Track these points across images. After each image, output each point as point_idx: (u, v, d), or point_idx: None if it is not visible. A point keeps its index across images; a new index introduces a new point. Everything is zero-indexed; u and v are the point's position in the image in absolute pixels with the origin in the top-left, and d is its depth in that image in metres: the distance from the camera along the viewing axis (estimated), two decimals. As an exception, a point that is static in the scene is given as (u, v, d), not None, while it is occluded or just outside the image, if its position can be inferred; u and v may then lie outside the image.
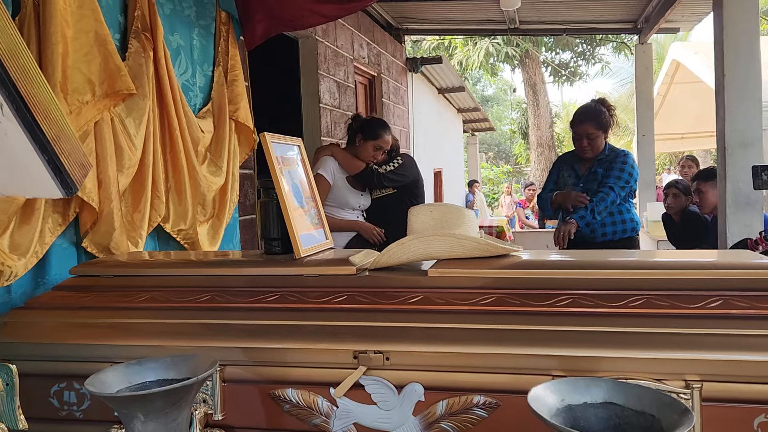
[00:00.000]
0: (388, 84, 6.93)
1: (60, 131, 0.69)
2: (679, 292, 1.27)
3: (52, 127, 0.67)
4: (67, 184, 0.70)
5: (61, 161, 0.68)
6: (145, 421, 1.06)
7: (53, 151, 0.67)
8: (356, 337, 1.29)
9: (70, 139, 0.71)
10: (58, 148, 0.67)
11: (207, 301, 1.47)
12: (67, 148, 0.69)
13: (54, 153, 0.67)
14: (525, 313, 1.28)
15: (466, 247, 1.46)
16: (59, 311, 1.53)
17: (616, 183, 3.14)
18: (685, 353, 1.14)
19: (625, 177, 3.17)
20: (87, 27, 1.86)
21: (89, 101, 1.85)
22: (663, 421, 0.90)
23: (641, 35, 7.16)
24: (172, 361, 1.18)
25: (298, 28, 3.32)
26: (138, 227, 2.12)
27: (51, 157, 0.67)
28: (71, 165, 0.69)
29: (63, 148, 0.68)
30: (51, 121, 0.68)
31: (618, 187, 3.14)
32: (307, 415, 1.31)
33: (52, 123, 0.67)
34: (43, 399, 1.44)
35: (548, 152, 17.64)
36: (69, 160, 0.69)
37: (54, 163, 0.67)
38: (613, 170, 3.19)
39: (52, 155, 0.67)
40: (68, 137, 0.70)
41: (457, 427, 1.23)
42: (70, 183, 0.70)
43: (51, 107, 0.68)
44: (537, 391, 0.95)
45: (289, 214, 1.58)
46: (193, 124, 2.42)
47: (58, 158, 0.67)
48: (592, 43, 16.47)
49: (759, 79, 3.40)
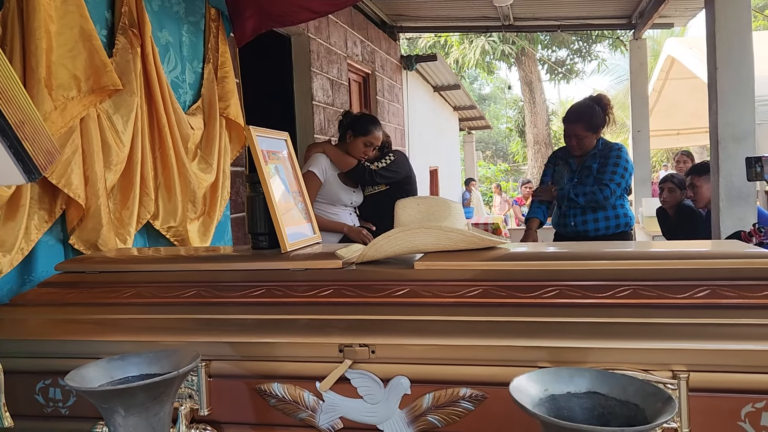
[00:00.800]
0: (383, 82, 6.92)
1: (24, 117, 0.67)
2: (667, 282, 1.26)
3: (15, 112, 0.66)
4: (29, 169, 0.69)
5: (24, 147, 0.67)
6: (126, 415, 1.05)
7: (15, 136, 0.65)
8: (342, 330, 1.28)
9: (35, 124, 0.70)
10: (20, 133, 0.66)
11: (193, 296, 1.46)
12: (31, 133, 0.68)
13: (15, 138, 0.65)
14: (512, 305, 1.28)
15: (452, 240, 1.45)
16: (45, 308, 1.52)
17: (612, 181, 3.14)
18: (672, 343, 1.13)
19: (620, 172, 3.17)
20: (71, 22, 1.85)
21: (75, 97, 1.84)
22: (647, 410, 0.89)
23: (635, 31, 7.16)
24: (155, 356, 1.17)
25: (289, 24, 3.31)
26: (126, 224, 2.11)
27: (12, 142, 0.66)
28: (35, 151, 0.68)
29: (26, 133, 0.67)
30: (13, 105, 0.66)
31: (614, 184, 3.14)
32: (293, 409, 1.30)
33: (15, 108, 0.66)
34: (28, 396, 1.43)
35: (545, 150, 17.63)
36: (33, 145, 0.68)
37: (16, 147, 0.66)
38: (607, 165, 3.19)
39: (14, 140, 0.66)
40: (33, 123, 0.69)
41: (443, 420, 1.22)
42: (32, 168, 0.69)
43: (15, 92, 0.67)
44: (519, 381, 0.94)
45: (275, 208, 1.57)
46: (182, 121, 2.41)
47: (20, 143, 0.66)
48: (588, 41, 16.47)
49: (751, 73, 3.40)
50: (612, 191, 3.13)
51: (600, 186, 3.13)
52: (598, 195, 3.12)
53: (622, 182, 3.18)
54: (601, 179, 3.16)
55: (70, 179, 1.83)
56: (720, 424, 1.11)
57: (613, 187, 3.13)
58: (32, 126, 0.69)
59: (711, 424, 1.12)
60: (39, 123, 0.71)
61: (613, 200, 3.18)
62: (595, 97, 3.41)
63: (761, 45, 5.40)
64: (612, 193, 3.14)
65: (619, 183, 3.16)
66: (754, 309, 1.17)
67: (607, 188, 3.12)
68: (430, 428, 1.23)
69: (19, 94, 0.69)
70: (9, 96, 0.66)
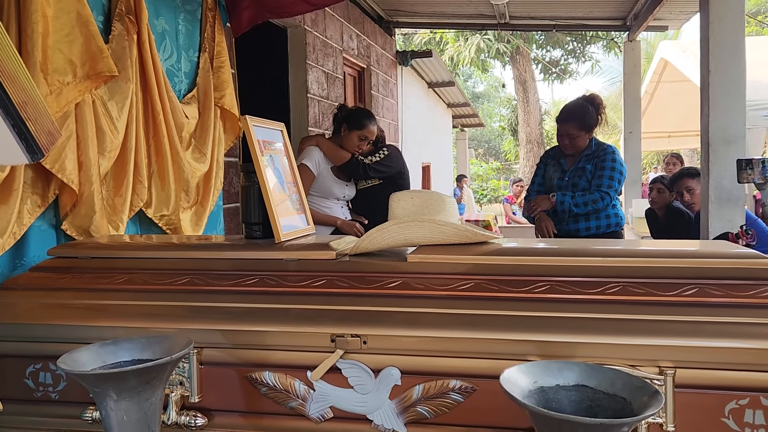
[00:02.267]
0: (378, 76, 6.92)
1: (27, 97, 0.67)
2: (655, 280, 1.28)
3: (18, 92, 0.66)
4: (32, 149, 0.69)
5: (28, 127, 0.67)
6: (118, 400, 1.05)
7: (18, 116, 0.66)
8: (334, 320, 1.29)
9: (37, 105, 0.70)
10: (24, 113, 0.66)
11: (186, 283, 1.47)
12: (33, 114, 0.68)
13: (20, 118, 0.66)
14: (503, 299, 1.29)
15: (445, 233, 1.46)
16: (36, 292, 1.51)
17: (610, 188, 3.16)
18: (659, 340, 1.15)
19: (616, 177, 3.20)
20: (68, 7, 1.84)
21: (70, 82, 1.83)
22: (633, 403, 0.91)
23: (630, 33, 7.20)
24: (147, 342, 1.18)
25: (285, 15, 3.31)
26: (119, 211, 2.10)
27: (16, 122, 0.66)
28: (38, 131, 0.68)
29: (29, 113, 0.67)
30: (17, 86, 0.66)
31: (612, 190, 3.18)
32: (283, 398, 1.30)
33: (18, 88, 0.66)
34: (18, 380, 1.43)
35: (537, 149, 17.70)
36: (36, 125, 0.68)
37: (19, 127, 0.66)
38: (604, 170, 3.19)
39: (18, 120, 0.66)
40: (36, 104, 0.69)
41: (433, 411, 1.24)
42: (36, 149, 0.69)
43: (18, 73, 0.67)
44: (510, 373, 0.96)
45: (270, 198, 1.57)
46: (177, 110, 2.40)
47: (24, 123, 0.66)
48: (583, 41, 16.53)
49: (743, 77, 3.43)
50: (611, 198, 3.18)
51: (600, 194, 3.15)
52: (599, 203, 3.15)
53: (619, 187, 3.22)
54: (599, 186, 3.17)
55: (63, 164, 1.82)
56: (704, 420, 1.14)
57: (612, 194, 3.18)
58: (35, 106, 0.69)
59: (696, 420, 1.14)
60: (41, 104, 0.72)
61: (609, 202, 3.21)
62: (588, 97, 3.41)
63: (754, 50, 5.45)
64: (611, 200, 3.18)
65: (617, 189, 3.20)
66: (740, 308, 1.19)
67: (607, 196, 3.16)
68: (420, 419, 1.25)
69: (23, 74, 0.69)
70: (13, 76, 0.66)
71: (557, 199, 3.20)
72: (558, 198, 3.20)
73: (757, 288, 1.23)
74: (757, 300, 1.20)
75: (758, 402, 1.12)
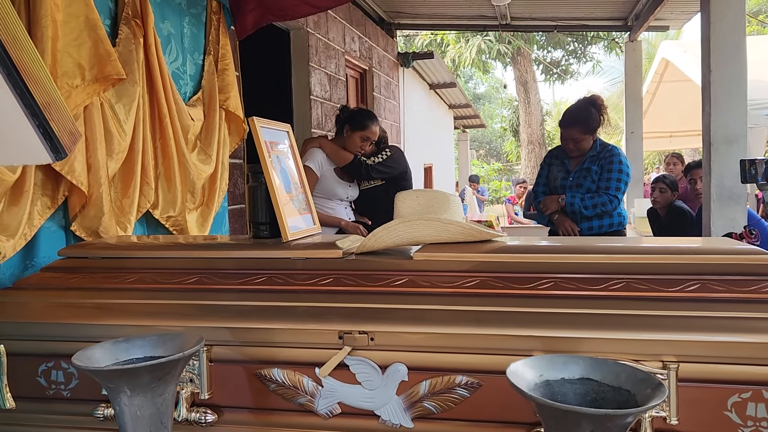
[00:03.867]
0: (380, 78, 6.94)
1: (50, 98, 0.70)
2: (658, 276, 1.30)
3: (42, 93, 0.68)
4: (56, 149, 0.71)
5: (51, 127, 0.69)
6: (132, 395, 1.08)
7: (43, 116, 0.68)
8: (342, 318, 1.31)
9: (59, 106, 0.72)
10: (48, 114, 0.68)
11: (195, 282, 1.49)
12: (56, 115, 0.70)
13: (44, 118, 0.68)
14: (508, 296, 1.31)
15: (451, 232, 1.48)
16: (47, 291, 1.54)
17: (618, 190, 3.19)
18: (662, 335, 1.16)
19: (623, 179, 3.24)
20: (77, 11, 1.87)
21: (79, 85, 1.86)
22: (637, 395, 0.93)
23: (631, 33, 7.21)
24: (159, 339, 1.20)
25: (289, 18, 3.33)
26: (127, 213, 2.13)
27: (41, 122, 0.68)
28: (61, 131, 0.70)
29: (53, 114, 0.69)
30: (41, 87, 0.69)
31: (620, 193, 3.22)
32: (292, 394, 1.32)
33: (42, 90, 0.69)
34: (30, 378, 1.45)
35: (539, 150, 17.72)
36: (59, 126, 0.70)
37: (44, 127, 0.68)
38: (612, 173, 3.22)
39: (43, 120, 0.68)
40: (58, 104, 0.72)
41: (439, 406, 1.25)
42: (60, 148, 0.71)
43: (41, 74, 0.69)
44: (516, 367, 0.98)
45: (277, 198, 1.60)
46: (183, 112, 2.43)
47: (48, 124, 0.68)
48: (584, 42, 16.55)
49: (744, 77, 3.45)
50: (619, 201, 3.21)
51: (609, 197, 3.19)
52: (607, 206, 3.19)
53: (625, 189, 3.26)
54: (607, 189, 3.20)
55: (73, 166, 1.85)
56: (707, 414, 1.15)
57: (620, 196, 3.22)
58: (57, 108, 0.71)
59: (699, 414, 1.15)
60: (63, 105, 0.74)
61: (616, 204, 3.25)
62: (589, 98, 3.43)
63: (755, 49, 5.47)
64: (619, 203, 3.21)
65: (624, 191, 3.24)
66: (742, 303, 1.21)
67: (615, 199, 3.20)
68: (427, 414, 1.26)
69: (45, 77, 0.71)
70: (37, 78, 0.68)
71: (567, 200, 3.23)
72: (567, 199, 3.23)
73: (758, 283, 1.24)
74: (759, 295, 1.22)
75: (760, 395, 1.13)
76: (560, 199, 3.27)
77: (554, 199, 3.30)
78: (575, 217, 3.25)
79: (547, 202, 3.34)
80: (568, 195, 3.23)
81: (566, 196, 3.24)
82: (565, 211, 3.26)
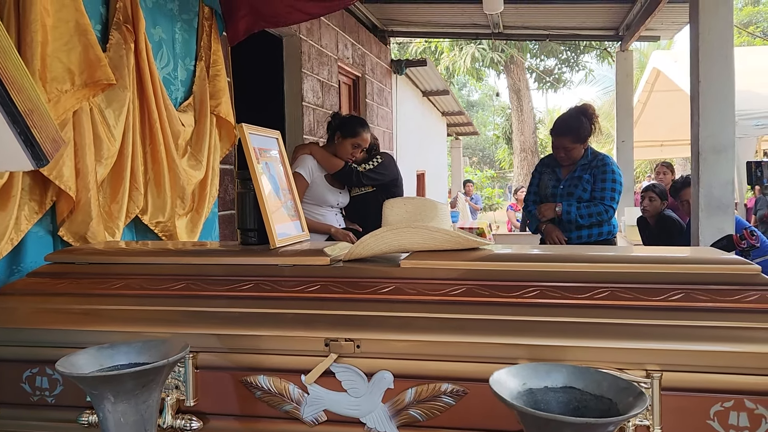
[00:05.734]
0: (373, 85, 6.96)
1: (33, 106, 0.70)
2: (643, 285, 1.31)
3: (24, 101, 0.68)
4: (38, 156, 0.71)
5: (33, 134, 0.69)
6: (116, 402, 1.07)
7: (25, 123, 0.68)
8: (328, 325, 1.31)
9: (42, 113, 0.72)
10: (30, 121, 0.68)
11: (182, 288, 1.49)
12: (39, 121, 0.70)
13: (26, 125, 0.68)
14: (493, 304, 1.31)
15: (438, 240, 1.49)
16: (33, 297, 1.53)
17: (612, 200, 3.22)
18: (646, 343, 1.18)
19: (617, 188, 3.27)
20: (67, 16, 1.86)
21: (68, 90, 1.85)
22: (619, 404, 0.94)
23: (622, 43, 7.27)
24: (144, 346, 1.19)
25: (281, 24, 3.34)
26: (116, 218, 2.12)
27: (23, 129, 0.68)
28: (43, 138, 0.70)
29: (35, 121, 0.69)
30: (24, 95, 0.69)
31: (615, 202, 3.25)
32: (278, 401, 1.32)
33: (24, 97, 0.69)
34: (14, 384, 1.44)
35: (531, 157, 17.79)
36: (41, 133, 0.70)
37: (26, 134, 0.68)
38: (605, 182, 3.24)
39: (24, 127, 0.68)
40: (41, 112, 0.72)
41: (425, 414, 1.26)
42: (41, 155, 0.72)
43: (24, 82, 0.70)
44: (499, 375, 0.98)
45: (266, 205, 1.60)
46: (173, 118, 2.43)
47: (30, 131, 0.68)
48: (577, 51, 16.65)
49: (732, 87, 3.48)
50: (614, 210, 3.25)
51: (604, 207, 3.21)
52: (603, 216, 3.22)
53: (619, 198, 3.29)
54: (602, 199, 3.22)
55: (61, 171, 1.84)
56: (690, 423, 1.16)
57: (615, 205, 3.25)
58: (40, 115, 0.71)
59: (682, 422, 1.16)
60: (46, 112, 0.74)
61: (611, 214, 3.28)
62: (580, 107, 3.45)
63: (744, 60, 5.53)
64: (614, 211, 3.24)
65: (617, 200, 3.27)
66: (725, 312, 1.22)
67: (610, 209, 3.24)
68: (412, 422, 1.27)
69: (28, 84, 0.71)
70: (19, 85, 0.68)
71: (563, 208, 3.24)
72: (564, 208, 3.24)
73: (741, 293, 1.26)
74: (742, 305, 1.23)
75: (742, 404, 1.14)
76: (556, 208, 3.28)
77: (551, 206, 3.32)
78: (570, 226, 3.26)
79: (543, 209, 3.36)
80: (564, 204, 3.25)
81: (563, 205, 3.25)
82: (561, 219, 3.27)
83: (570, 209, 3.23)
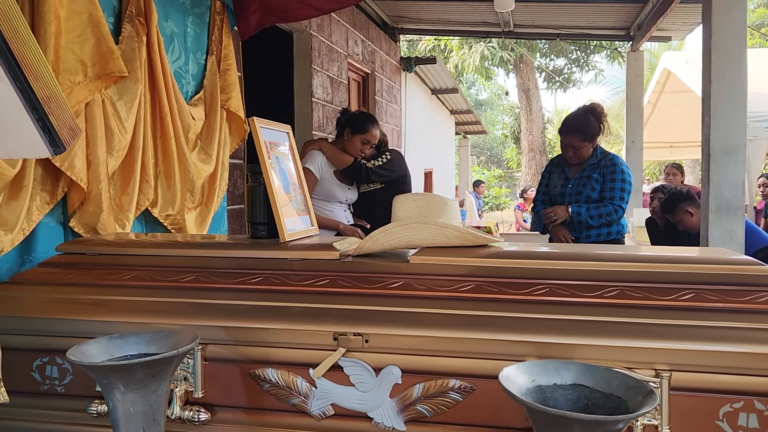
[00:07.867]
0: (382, 82, 6.95)
1: (50, 92, 0.70)
2: (653, 284, 1.30)
3: (42, 87, 0.69)
4: (56, 143, 0.72)
5: (51, 121, 0.70)
6: (126, 391, 1.08)
7: (43, 110, 0.68)
8: (337, 319, 1.32)
9: (60, 101, 0.73)
10: (48, 108, 0.69)
11: (192, 281, 1.49)
12: (56, 109, 0.71)
13: (44, 112, 0.68)
14: (503, 301, 1.31)
15: (448, 236, 1.48)
16: (44, 287, 1.54)
17: (622, 200, 3.21)
18: (655, 343, 1.17)
19: (627, 188, 3.26)
20: (80, 8, 1.87)
21: (81, 82, 1.86)
22: (629, 402, 0.93)
23: (633, 43, 7.23)
24: (154, 336, 1.20)
25: (292, 20, 3.34)
26: (126, 210, 2.13)
27: (41, 116, 0.68)
28: (60, 126, 0.71)
29: (53, 108, 0.70)
30: (42, 81, 0.69)
31: (624, 202, 3.24)
32: (286, 394, 1.33)
33: (42, 84, 0.69)
34: (24, 373, 1.45)
35: (539, 157, 17.74)
36: (58, 120, 0.71)
37: (44, 121, 0.69)
38: (615, 182, 3.23)
39: (42, 114, 0.68)
40: (58, 99, 0.72)
41: (432, 409, 1.26)
42: (58, 142, 0.72)
43: (42, 69, 0.70)
44: (509, 371, 0.98)
45: (276, 199, 1.60)
46: (184, 111, 2.43)
47: (47, 117, 0.69)
48: (587, 51, 16.58)
49: (744, 89, 3.46)
50: (624, 210, 3.25)
51: (614, 207, 3.21)
52: (613, 216, 3.22)
53: (628, 198, 3.28)
54: (612, 199, 3.21)
55: (73, 162, 1.85)
56: (699, 423, 1.16)
57: (625, 206, 3.25)
58: (57, 102, 0.72)
59: (690, 423, 1.16)
60: (63, 100, 0.74)
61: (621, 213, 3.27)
62: (588, 106, 3.44)
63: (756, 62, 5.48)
64: (624, 211, 3.24)
65: (627, 200, 3.26)
66: (736, 313, 1.21)
67: (620, 209, 3.24)
68: (420, 417, 1.27)
69: (46, 71, 0.72)
70: (38, 73, 0.69)
71: (573, 210, 3.24)
72: (574, 209, 3.24)
73: (752, 294, 1.25)
74: (753, 305, 1.23)
75: (752, 405, 1.14)
76: (568, 208, 3.28)
77: (563, 208, 3.32)
78: (580, 226, 3.26)
79: (557, 210, 3.35)
80: (574, 206, 3.25)
81: (573, 206, 3.25)
82: (572, 221, 3.27)
83: (580, 210, 3.23)
